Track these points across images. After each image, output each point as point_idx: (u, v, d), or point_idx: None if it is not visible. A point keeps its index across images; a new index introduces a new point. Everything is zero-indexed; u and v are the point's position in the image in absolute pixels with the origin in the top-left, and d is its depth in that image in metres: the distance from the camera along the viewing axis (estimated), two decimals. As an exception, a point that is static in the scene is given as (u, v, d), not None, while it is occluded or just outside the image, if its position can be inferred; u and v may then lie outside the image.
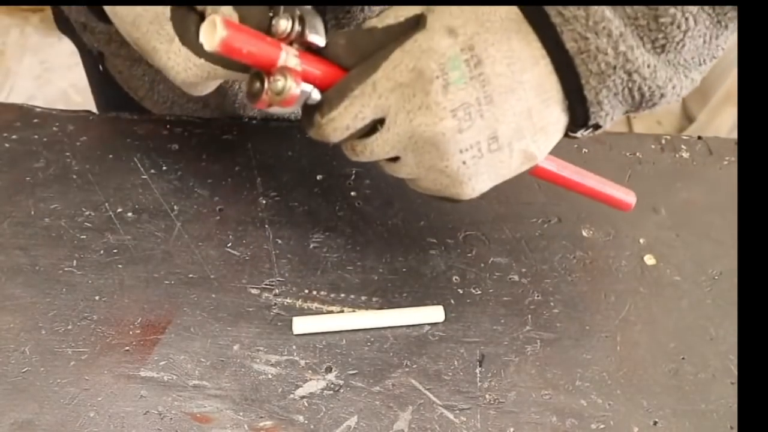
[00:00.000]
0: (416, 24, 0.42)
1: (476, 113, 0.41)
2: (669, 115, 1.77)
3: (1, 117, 0.59)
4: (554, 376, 0.49)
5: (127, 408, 0.46)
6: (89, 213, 0.54)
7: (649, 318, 0.53)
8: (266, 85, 0.40)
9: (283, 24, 0.40)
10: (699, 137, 0.64)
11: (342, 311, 0.51)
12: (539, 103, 0.42)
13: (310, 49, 0.41)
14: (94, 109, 0.63)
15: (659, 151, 0.63)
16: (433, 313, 0.51)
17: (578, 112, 0.44)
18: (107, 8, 0.45)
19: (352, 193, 0.57)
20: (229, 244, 0.54)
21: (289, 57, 0.40)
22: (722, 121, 1.56)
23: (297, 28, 0.40)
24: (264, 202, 0.56)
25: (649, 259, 0.56)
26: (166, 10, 0.42)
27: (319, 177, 0.58)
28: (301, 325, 0.50)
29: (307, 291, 0.52)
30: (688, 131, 1.68)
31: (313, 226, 0.55)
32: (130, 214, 0.55)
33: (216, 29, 0.37)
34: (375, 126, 0.43)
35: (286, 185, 0.57)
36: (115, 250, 0.53)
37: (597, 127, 0.45)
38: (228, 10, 0.41)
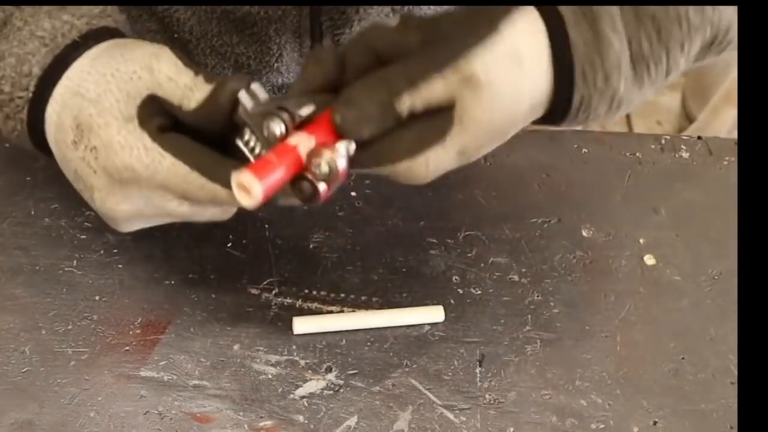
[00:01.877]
0: (440, 107, 0.42)
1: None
2: (669, 115, 1.77)
3: (1, 117, 0.59)
4: (554, 376, 0.49)
5: (127, 408, 0.46)
6: (89, 213, 0.54)
7: (649, 318, 0.53)
8: (312, 179, 0.40)
9: (276, 128, 0.40)
10: (699, 137, 0.64)
11: (342, 311, 0.51)
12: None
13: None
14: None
15: (659, 151, 0.63)
16: (433, 313, 0.51)
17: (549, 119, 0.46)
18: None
19: (352, 193, 0.57)
20: (229, 244, 0.54)
21: (304, 143, 0.40)
22: (722, 121, 1.56)
23: (288, 120, 0.40)
24: (264, 202, 0.56)
25: (649, 259, 0.56)
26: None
27: (319, 177, 0.58)
28: (301, 325, 0.50)
29: (307, 291, 0.52)
30: (688, 131, 1.68)
31: (313, 226, 0.55)
32: (130, 214, 0.55)
33: (251, 191, 0.37)
34: None
35: (286, 185, 0.57)
36: (115, 250, 0.53)
37: None
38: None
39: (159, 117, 0.43)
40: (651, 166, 0.62)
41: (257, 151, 0.41)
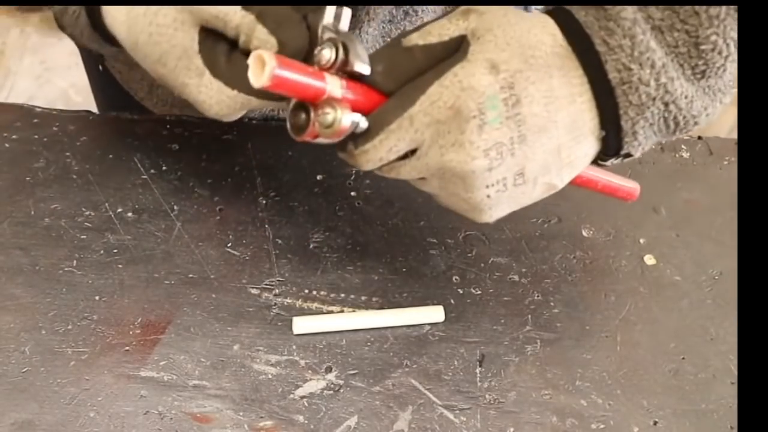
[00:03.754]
0: (458, 46, 0.41)
1: (507, 152, 0.41)
2: (669, 115, 1.77)
3: (1, 117, 0.59)
4: (554, 376, 0.49)
5: (127, 408, 0.46)
6: (89, 213, 0.54)
7: (649, 318, 0.53)
8: (312, 117, 0.39)
9: (327, 54, 0.39)
10: (699, 137, 0.64)
11: (342, 311, 0.51)
12: (570, 140, 0.42)
13: (351, 75, 0.40)
14: (95, 109, 0.63)
15: (659, 151, 0.63)
16: (433, 313, 0.51)
17: (612, 142, 0.43)
18: (128, 45, 0.44)
19: (352, 193, 0.57)
20: (229, 244, 0.54)
21: (334, 87, 0.39)
22: (722, 121, 1.56)
23: (341, 56, 0.39)
24: (264, 202, 0.56)
25: (649, 259, 0.56)
26: (194, 44, 0.41)
27: (319, 177, 0.58)
28: (301, 325, 0.50)
29: (307, 291, 0.52)
30: (688, 131, 1.67)
31: (313, 226, 0.55)
32: (130, 214, 0.55)
33: (265, 65, 0.36)
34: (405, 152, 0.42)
35: (286, 185, 0.57)
36: (115, 250, 0.53)
37: (627, 155, 0.45)
38: (264, 35, 0.40)
39: None
40: (651, 166, 0.62)
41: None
